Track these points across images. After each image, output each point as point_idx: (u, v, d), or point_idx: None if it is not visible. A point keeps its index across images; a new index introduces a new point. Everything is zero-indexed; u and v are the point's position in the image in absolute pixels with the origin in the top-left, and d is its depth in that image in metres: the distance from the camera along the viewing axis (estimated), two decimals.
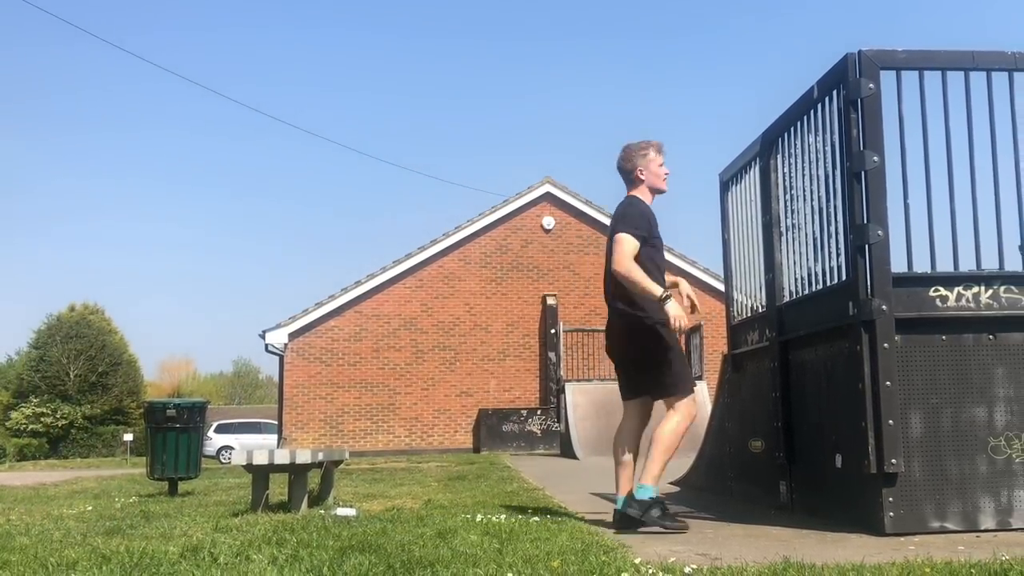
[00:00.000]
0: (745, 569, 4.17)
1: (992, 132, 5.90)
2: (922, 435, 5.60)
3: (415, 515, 7.11)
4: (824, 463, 6.28)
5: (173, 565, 4.81)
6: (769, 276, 7.32)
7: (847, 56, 5.90)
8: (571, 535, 5.58)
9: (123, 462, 38.91)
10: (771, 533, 5.74)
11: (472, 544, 5.23)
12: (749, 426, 7.43)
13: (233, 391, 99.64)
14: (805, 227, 6.74)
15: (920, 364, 5.67)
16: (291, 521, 6.78)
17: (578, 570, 4.15)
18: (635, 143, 6.57)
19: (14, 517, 8.61)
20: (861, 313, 5.65)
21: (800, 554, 4.58)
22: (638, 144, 6.57)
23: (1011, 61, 5.94)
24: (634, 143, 6.57)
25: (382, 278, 29.74)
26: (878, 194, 5.70)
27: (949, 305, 5.75)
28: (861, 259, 5.69)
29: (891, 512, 5.47)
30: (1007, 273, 5.84)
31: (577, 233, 30.79)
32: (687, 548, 5.12)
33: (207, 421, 15.47)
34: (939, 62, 5.92)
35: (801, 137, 6.74)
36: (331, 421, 28.98)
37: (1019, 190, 5.87)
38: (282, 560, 4.82)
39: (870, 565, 4.18)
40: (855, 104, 5.82)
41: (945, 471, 5.57)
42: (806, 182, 6.65)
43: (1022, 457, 5.62)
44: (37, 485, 15.65)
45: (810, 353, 6.66)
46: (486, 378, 29.74)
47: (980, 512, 5.55)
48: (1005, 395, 5.69)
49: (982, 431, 5.64)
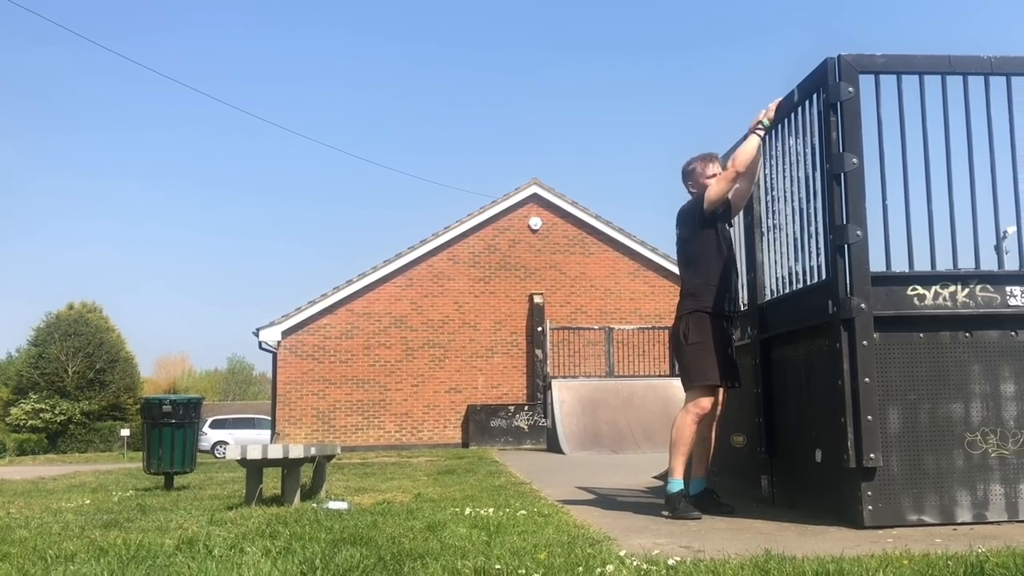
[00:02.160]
0: (727, 561, 4.15)
1: (968, 135, 5.89)
2: (900, 430, 5.58)
3: (405, 508, 7.09)
4: (804, 458, 6.27)
5: (169, 557, 4.80)
6: (751, 275, 7.31)
7: (827, 60, 5.89)
8: (557, 528, 5.57)
9: (120, 457, 38.86)
10: (753, 526, 5.73)
11: (461, 537, 5.22)
12: (731, 421, 7.42)
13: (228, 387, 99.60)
14: (786, 227, 6.73)
15: (898, 361, 5.66)
16: (284, 514, 6.76)
17: (564, 562, 4.13)
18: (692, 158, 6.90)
19: (14, 510, 8.59)
20: (841, 311, 5.64)
21: (781, 546, 4.56)
22: (690, 159, 6.89)
23: (987, 65, 5.93)
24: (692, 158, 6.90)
25: (373, 277, 29.73)
26: (857, 195, 5.69)
27: (926, 303, 5.74)
28: (841, 259, 5.68)
29: (870, 506, 5.46)
30: (983, 272, 5.83)
31: (563, 233, 30.81)
32: (670, 541, 5.11)
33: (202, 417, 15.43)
34: (917, 66, 5.91)
35: (782, 139, 6.72)
36: (323, 417, 28.94)
37: (994, 191, 5.86)
38: (275, 552, 4.81)
39: (849, 557, 4.17)
40: (835, 107, 5.80)
41: (923, 466, 5.56)
42: (787, 183, 6.64)
43: (998, 452, 5.62)
44: (36, 479, 15.60)
45: (791, 350, 6.64)
46: (474, 375, 29.74)
47: (957, 506, 5.54)
48: (981, 391, 5.68)
49: (959, 427, 5.63)
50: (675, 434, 6.44)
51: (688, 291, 6.65)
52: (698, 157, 6.82)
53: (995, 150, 5.87)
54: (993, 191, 5.86)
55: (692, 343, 6.50)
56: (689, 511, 6.15)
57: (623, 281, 30.63)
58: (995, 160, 5.87)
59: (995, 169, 5.87)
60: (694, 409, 6.41)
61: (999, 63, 5.95)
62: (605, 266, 30.68)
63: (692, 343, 6.50)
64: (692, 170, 6.82)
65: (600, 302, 30.36)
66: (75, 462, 33.54)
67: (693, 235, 6.70)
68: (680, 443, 6.40)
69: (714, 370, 6.43)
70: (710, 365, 6.43)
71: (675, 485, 6.33)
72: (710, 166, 6.76)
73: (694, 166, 6.81)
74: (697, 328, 6.50)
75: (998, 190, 5.86)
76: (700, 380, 6.44)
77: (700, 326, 6.49)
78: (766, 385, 6.94)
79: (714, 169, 6.73)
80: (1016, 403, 5.69)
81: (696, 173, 6.79)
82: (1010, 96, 5.92)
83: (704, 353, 6.44)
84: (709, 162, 6.78)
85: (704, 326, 6.48)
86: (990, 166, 5.88)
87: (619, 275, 30.66)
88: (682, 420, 6.44)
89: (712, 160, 6.80)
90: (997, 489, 5.59)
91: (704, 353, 6.44)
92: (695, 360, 6.47)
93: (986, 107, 5.90)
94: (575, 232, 30.75)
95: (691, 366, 6.49)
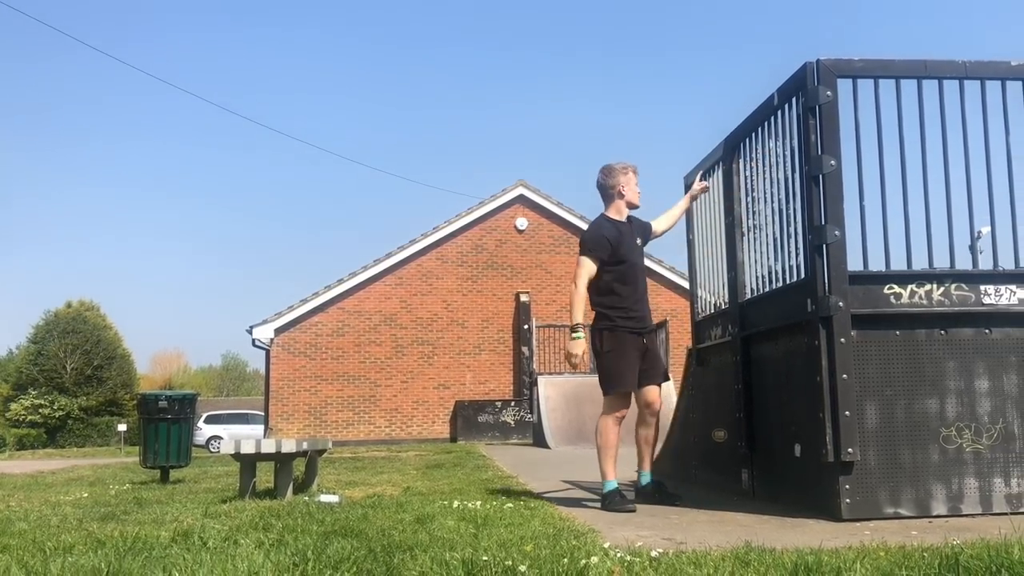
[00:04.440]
0: (709, 553, 4.13)
1: (944, 137, 5.88)
2: (877, 426, 5.58)
3: (395, 502, 7.07)
4: (784, 452, 6.26)
5: (165, 549, 4.78)
6: (732, 274, 7.30)
7: (806, 65, 5.88)
8: (543, 521, 5.56)
9: (117, 451, 38.72)
10: (734, 519, 5.71)
11: (449, 529, 5.20)
12: (713, 417, 7.41)
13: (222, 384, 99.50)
14: (766, 228, 6.73)
15: (875, 358, 5.65)
16: (277, 507, 6.74)
17: (550, 554, 4.11)
18: (614, 163, 6.96)
19: (13, 503, 8.57)
20: (819, 310, 5.63)
21: (761, 538, 4.56)
22: (617, 164, 6.96)
23: (961, 70, 5.92)
24: (614, 163, 6.96)
25: (363, 276, 29.70)
26: (835, 196, 5.68)
27: (903, 302, 5.73)
28: (819, 258, 5.67)
29: (847, 499, 5.45)
30: (958, 272, 5.82)
31: (549, 233, 30.80)
32: (653, 533, 5.09)
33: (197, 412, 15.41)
34: (893, 71, 5.91)
35: (762, 142, 6.72)
36: (315, 412, 28.90)
37: (969, 193, 5.86)
38: (268, 544, 4.78)
39: (828, 549, 4.15)
40: (813, 111, 5.80)
41: (899, 460, 5.56)
42: (767, 185, 6.63)
43: (972, 447, 5.61)
44: (35, 473, 15.56)
45: (770, 348, 6.64)
46: (462, 371, 29.71)
47: (932, 499, 5.54)
48: (956, 388, 5.68)
49: (934, 422, 5.62)
50: (600, 439, 6.66)
51: (600, 314, 6.80)
52: (608, 169, 6.96)
53: (969, 152, 5.87)
54: (968, 192, 5.86)
55: (606, 352, 6.70)
56: (623, 504, 6.27)
57: None
58: (970, 162, 5.87)
59: (970, 171, 5.87)
60: (613, 414, 6.65)
61: (973, 67, 5.94)
62: None
63: (606, 352, 6.70)
64: (625, 173, 6.95)
65: None
66: (73, 456, 33.39)
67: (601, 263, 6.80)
68: (607, 447, 6.62)
69: (627, 376, 6.63)
70: (623, 372, 6.63)
71: (608, 486, 6.51)
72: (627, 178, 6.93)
73: (599, 177, 6.98)
74: (610, 339, 6.70)
75: (973, 191, 5.86)
76: (614, 387, 6.65)
77: (613, 338, 6.68)
78: (746, 381, 6.93)
79: (620, 180, 6.90)
80: (990, 399, 5.69)
81: (628, 178, 6.95)
82: (984, 100, 5.92)
83: (617, 362, 6.64)
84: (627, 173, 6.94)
85: (616, 338, 6.68)
86: (965, 168, 5.87)
87: None
88: (603, 425, 6.67)
89: (630, 171, 6.96)
90: (971, 483, 5.58)
91: (617, 362, 6.64)
92: (610, 368, 6.67)
93: (961, 110, 5.90)
94: (560, 232, 30.74)
95: (606, 374, 6.69)
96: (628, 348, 6.64)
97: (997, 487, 5.60)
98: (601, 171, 6.96)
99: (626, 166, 6.94)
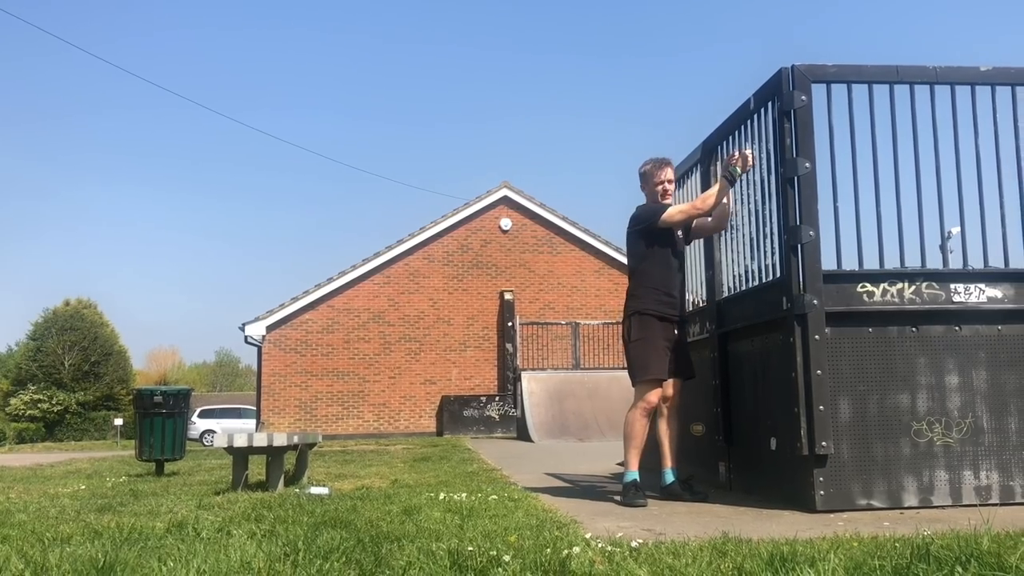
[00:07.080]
0: (687, 543, 4.11)
1: (915, 140, 5.89)
2: (850, 420, 5.57)
3: (383, 494, 7.04)
4: (760, 445, 6.25)
5: (160, 540, 4.76)
6: (709, 273, 7.30)
7: (781, 70, 5.87)
8: (527, 512, 5.54)
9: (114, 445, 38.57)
10: (711, 510, 5.70)
11: (435, 520, 5.18)
12: (691, 411, 7.40)
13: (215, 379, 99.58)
14: (742, 228, 6.72)
15: (849, 354, 5.65)
16: (268, 499, 6.71)
17: (533, 544, 4.08)
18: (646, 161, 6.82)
19: (13, 495, 8.53)
20: (794, 307, 5.62)
21: (738, 529, 4.55)
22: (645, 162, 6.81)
23: (932, 75, 5.92)
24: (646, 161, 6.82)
25: (352, 275, 29.62)
26: (810, 198, 5.68)
27: (875, 300, 5.73)
28: (794, 257, 5.67)
29: (821, 491, 5.44)
30: (928, 270, 5.82)
31: (532, 233, 30.76)
32: (634, 524, 5.08)
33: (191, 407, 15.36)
34: (866, 76, 5.90)
35: (739, 145, 6.70)
36: (305, 407, 28.81)
37: (939, 193, 5.85)
38: (260, 535, 4.76)
39: (802, 539, 4.15)
40: (788, 115, 5.79)
41: (872, 453, 5.55)
42: (743, 186, 6.63)
43: (943, 440, 5.61)
44: (34, 466, 15.50)
45: (747, 344, 6.63)
46: (448, 367, 29.65)
47: (904, 491, 5.53)
48: (927, 383, 5.67)
49: (906, 416, 5.62)
50: (627, 429, 6.43)
51: (632, 293, 6.61)
52: (652, 161, 6.75)
53: (940, 154, 5.87)
54: (938, 193, 5.86)
55: (635, 340, 6.47)
56: (636, 499, 6.10)
57: (589, 279, 30.60)
58: (940, 164, 5.87)
59: (940, 172, 5.87)
60: (641, 404, 6.39)
61: (944, 73, 5.94)
62: (572, 264, 30.65)
63: (635, 340, 6.47)
64: (644, 173, 6.76)
65: (567, 299, 30.32)
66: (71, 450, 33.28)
67: (641, 241, 6.62)
68: (632, 437, 6.39)
69: (656, 365, 6.39)
70: (653, 360, 6.38)
71: (629, 476, 6.32)
72: (661, 172, 6.69)
73: (647, 168, 6.75)
74: (639, 327, 6.47)
75: (943, 192, 5.86)
76: (643, 375, 6.41)
77: (642, 325, 6.46)
78: (724, 377, 6.93)
79: (666, 175, 6.69)
80: (960, 394, 5.68)
81: (647, 176, 6.74)
82: (954, 104, 5.93)
83: (646, 350, 6.40)
84: (661, 168, 6.71)
85: (646, 325, 6.45)
86: (935, 170, 5.87)
87: (585, 273, 30.63)
88: (631, 415, 6.42)
89: (664, 166, 6.72)
90: (942, 475, 5.58)
91: (646, 350, 6.40)
92: (638, 357, 6.44)
93: (931, 114, 5.91)
94: (543, 232, 30.72)
95: (635, 362, 6.46)
96: (657, 336, 6.41)
97: (967, 479, 5.60)
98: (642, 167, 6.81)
99: (646, 162, 6.77)
